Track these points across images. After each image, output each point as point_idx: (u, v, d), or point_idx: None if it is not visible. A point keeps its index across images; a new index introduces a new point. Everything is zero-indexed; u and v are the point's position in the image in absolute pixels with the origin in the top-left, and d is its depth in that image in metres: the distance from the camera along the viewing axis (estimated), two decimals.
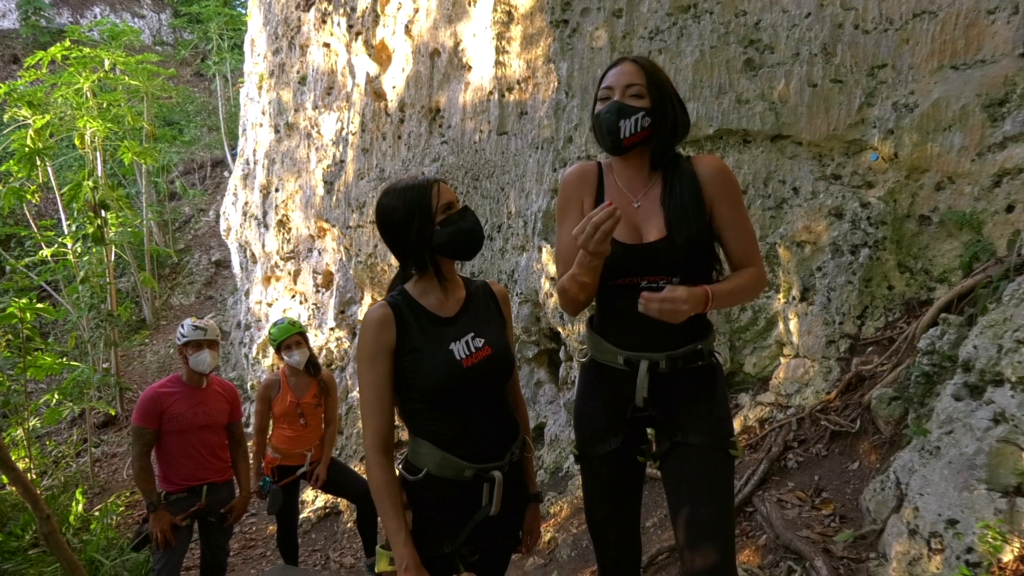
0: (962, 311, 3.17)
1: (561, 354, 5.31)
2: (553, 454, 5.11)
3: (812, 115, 3.97)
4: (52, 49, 9.95)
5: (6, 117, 10.24)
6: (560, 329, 5.02)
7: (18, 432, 7.57)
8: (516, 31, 5.45)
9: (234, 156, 14.44)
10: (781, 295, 4.08)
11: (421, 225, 1.83)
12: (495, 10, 5.48)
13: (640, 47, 4.63)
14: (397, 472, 1.91)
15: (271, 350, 9.14)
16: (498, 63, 5.58)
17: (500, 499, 1.89)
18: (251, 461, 4.43)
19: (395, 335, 1.84)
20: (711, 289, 1.76)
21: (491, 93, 5.70)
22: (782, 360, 4.06)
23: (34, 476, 7.26)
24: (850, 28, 3.86)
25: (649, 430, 2.08)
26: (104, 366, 10.28)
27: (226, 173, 17.41)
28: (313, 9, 8.27)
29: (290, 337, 4.47)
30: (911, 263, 3.75)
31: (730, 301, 1.87)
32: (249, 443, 4.43)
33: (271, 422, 4.59)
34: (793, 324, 3.94)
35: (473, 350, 1.87)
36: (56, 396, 8.13)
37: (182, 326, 3.98)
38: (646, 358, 1.90)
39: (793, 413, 3.70)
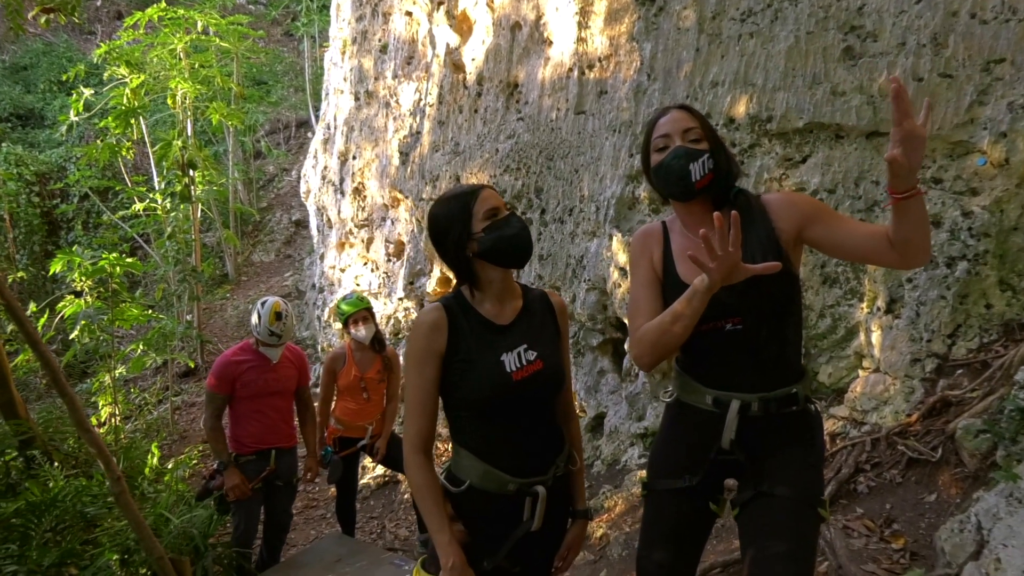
0: None
1: (626, 344, 5.19)
2: (612, 446, 5.03)
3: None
4: (149, 10, 10.28)
5: (105, 75, 10.69)
6: (626, 319, 4.90)
7: (106, 379, 8.06)
8: (600, 6, 5.25)
9: (318, 117, 14.69)
10: (865, 304, 3.83)
11: (459, 234, 1.80)
12: None
13: (730, 30, 4.36)
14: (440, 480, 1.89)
15: None
16: (579, 39, 5.40)
17: (543, 514, 1.85)
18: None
19: (446, 340, 1.81)
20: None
21: (571, 70, 5.53)
22: (860, 373, 3.82)
23: (119, 421, 7.72)
24: (966, 17, 3.51)
25: (729, 481, 1.95)
26: (187, 318, 10.77)
27: (309, 134, 17.74)
28: None
29: (358, 312, 4.54)
30: (1015, 281, 3.43)
31: (923, 220, 1.68)
32: None
33: (335, 394, 4.70)
34: (876, 336, 3.69)
35: (524, 363, 1.83)
36: (141, 346, 8.58)
37: (258, 321, 4.06)
38: (737, 398, 1.80)
39: (868, 432, 3.49)
